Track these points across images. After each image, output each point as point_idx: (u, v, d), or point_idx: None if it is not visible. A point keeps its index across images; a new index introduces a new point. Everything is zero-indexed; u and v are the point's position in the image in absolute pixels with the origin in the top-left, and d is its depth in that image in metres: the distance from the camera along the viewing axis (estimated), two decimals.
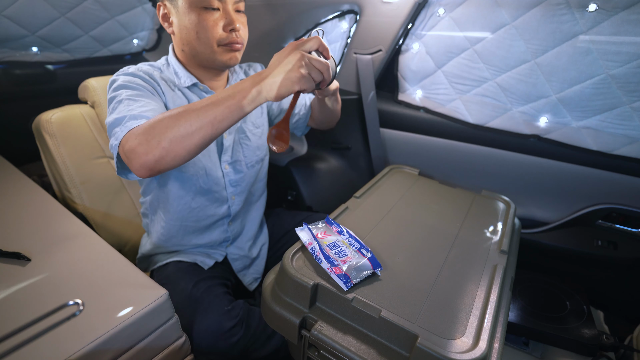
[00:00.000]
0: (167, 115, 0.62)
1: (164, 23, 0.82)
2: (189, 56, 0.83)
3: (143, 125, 0.63)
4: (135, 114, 0.67)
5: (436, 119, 1.23)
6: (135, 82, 0.77)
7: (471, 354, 0.49)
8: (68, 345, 0.56)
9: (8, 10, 1.19)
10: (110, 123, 0.69)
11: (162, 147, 0.60)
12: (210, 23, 0.76)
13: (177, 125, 0.60)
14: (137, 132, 0.63)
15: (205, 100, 0.62)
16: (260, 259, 1.08)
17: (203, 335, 0.77)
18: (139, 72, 0.80)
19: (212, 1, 0.75)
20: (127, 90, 0.75)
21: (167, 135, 0.60)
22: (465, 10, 1.10)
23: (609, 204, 1.06)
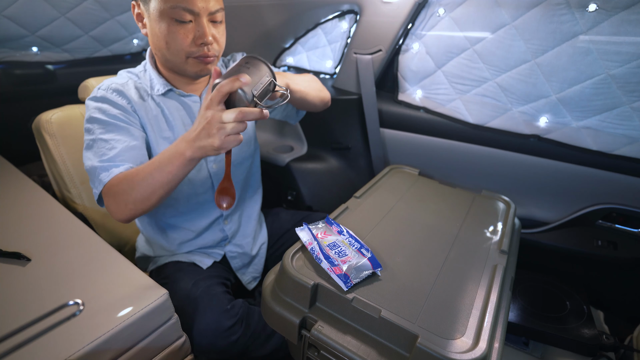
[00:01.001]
0: (126, 181, 0.70)
1: (138, 23, 0.80)
2: (161, 60, 0.82)
3: (112, 187, 0.72)
4: (105, 165, 0.73)
5: (436, 119, 1.23)
6: (106, 111, 0.77)
7: (471, 354, 0.49)
8: (68, 345, 0.56)
9: (8, 10, 1.19)
10: (87, 169, 0.76)
11: (129, 208, 0.71)
12: (180, 35, 0.74)
13: (134, 191, 0.69)
14: (108, 194, 0.73)
15: (151, 165, 0.68)
16: (259, 257, 1.08)
17: (203, 334, 0.77)
18: (110, 93, 0.80)
19: (184, 14, 0.72)
20: (98, 125, 0.76)
21: (129, 199, 0.70)
22: (465, 10, 1.10)
23: (609, 204, 1.06)
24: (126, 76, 0.86)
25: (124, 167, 0.73)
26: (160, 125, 0.84)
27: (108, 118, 0.77)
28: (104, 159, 0.74)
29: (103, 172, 0.73)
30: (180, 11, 0.71)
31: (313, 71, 1.55)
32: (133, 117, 0.81)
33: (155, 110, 0.84)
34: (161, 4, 0.72)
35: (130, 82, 0.84)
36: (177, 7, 0.71)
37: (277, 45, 1.52)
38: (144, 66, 0.88)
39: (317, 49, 1.50)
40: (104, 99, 0.79)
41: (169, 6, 0.71)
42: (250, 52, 1.49)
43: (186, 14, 0.72)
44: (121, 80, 0.84)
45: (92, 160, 0.75)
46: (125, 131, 0.78)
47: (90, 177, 0.76)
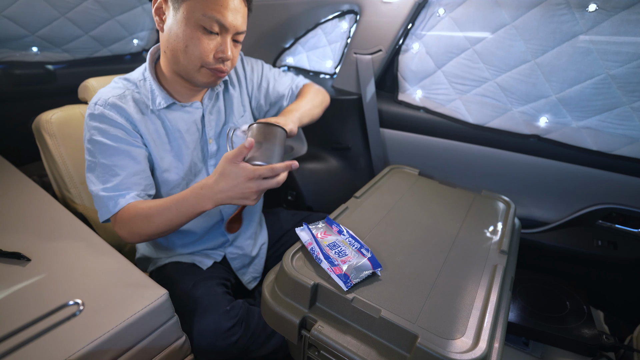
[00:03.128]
0: (141, 217, 0.74)
1: (155, 16, 0.76)
2: (169, 61, 0.79)
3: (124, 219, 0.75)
4: (110, 195, 0.75)
5: (436, 119, 1.23)
6: (106, 132, 0.76)
7: (471, 354, 0.49)
8: (68, 345, 0.56)
9: (8, 10, 1.19)
10: (91, 192, 0.78)
11: (142, 238, 0.77)
12: (203, 44, 0.73)
13: (150, 227, 0.74)
14: (119, 223, 0.76)
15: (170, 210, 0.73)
16: (259, 258, 1.08)
17: (202, 335, 0.77)
18: (109, 110, 0.76)
19: (213, 25, 0.71)
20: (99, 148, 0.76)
21: (144, 232, 0.75)
22: (465, 10, 1.10)
23: (609, 204, 1.06)
24: (123, 86, 0.81)
25: (130, 195, 0.76)
26: (161, 138, 0.83)
27: (108, 141, 0.76)
28: (108, 186, 0.76)
29: (110, 202, 0.75)
30: (212, 22, 0.71)
31: (313, 71, 1.55)
32: (134, 136, 0.79)
33: (156, 123, 0.82)
34: (196, 10, 0.70)
35: (127, 93, 0.80)
36: (211, 17, 0.70)
37: (277, 45, 1.52)
38: (142, 74, 0.83)
39: (317, 49, 1.50)
40: (103, 118, 0.76)
41: (201, 13, 0.70)
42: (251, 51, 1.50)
43: (216, 26, 0.72)
44: (118, 92, 0.79)
45: (96, 185, 0.77)
46: (127, 155, 0.77)
47: (95, 201, 0.78)
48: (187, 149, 0.86)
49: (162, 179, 0.85)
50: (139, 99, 0.81)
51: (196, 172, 0.89)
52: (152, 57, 0.84)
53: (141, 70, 0.85)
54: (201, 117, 0.87)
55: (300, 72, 1.57)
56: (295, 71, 1.58)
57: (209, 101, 0.88)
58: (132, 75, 0.84)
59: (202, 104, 0.87)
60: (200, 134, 0.88)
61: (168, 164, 0.84)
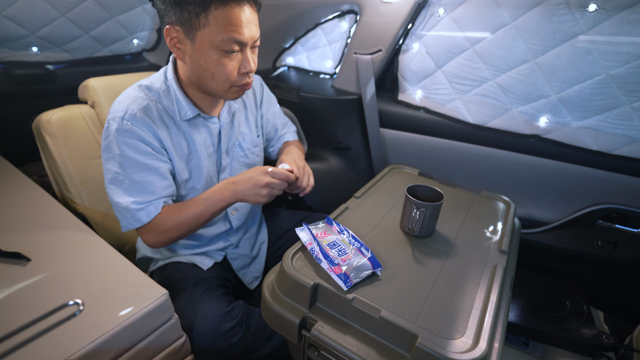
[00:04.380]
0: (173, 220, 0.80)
1: (172, 48, 0.75)
2: (194, 85, 0.81)
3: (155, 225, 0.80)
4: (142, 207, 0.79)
5: (436, 119, 1.23)
6: (135, 147, 0.77)
7: (471, 354, 0.49)
8: (68, 345, 0.56)
9: (8, 10, 1.19)
10: (116, 204, 0.79)
11: (171, 241, 0.83)
12: (228, 66, 0.74)
13: (182, 228, 0.81)
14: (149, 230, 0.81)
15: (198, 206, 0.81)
16: (260, 257, 1.08)
17: (202, 335, 0.77)
18: (136, 125, 0.77)
19: (232, 46, 0.72)
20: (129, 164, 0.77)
21: (175, 235, 0.82)
22: (465, 10, 1.10)
23: (609, 204, 1.06)
24: (145, 96, 0.80)
25: (159, 205, 0.80)
26: (183, 150, 0.84)
27: (140, 157, 0.77)
28: (139, 200, 0.78)
29: (141, 213, 0.79)
30: (231, 43, 0.72)
31: (313, 71, 1.55)
32: (160, 152, 0.80)
33: (178, 135, 0.83)
34: (212, 36, 0.70)
35: (152, 105, 0.80)
36: (229, 39, 0.71)
37: (277, 45, 1.52)
38: (164, 83, 0.83)
39: (317, 49, 1.50)
40: (132, 134, 0.76)
41: (219, 39, 0.71)
42: None
43: (236, 45, 0.73)
44: (142, 102, 0.79)
45: (124, 198, 0.78)
46: (156, 172, 0.79)
47: (120, 212, 0.80)
48: (205, 162, 0.88)
49: (183, 190, 0.88)
50: (163, 110, 0.82)
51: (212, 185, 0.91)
52: (175, 66, 0.83)
53: (161, 79, 0.84)
54: (218, 132, 0.89)
55: (300, 72, 1.57)
56: (295, 71, 1.58)
57: (227, 116, 0.90)
58: (153, 84, 0.83)
59: (220, 119, 0.89)
60: (215, 148, 0.90)
61: (188, 176, 0.86)
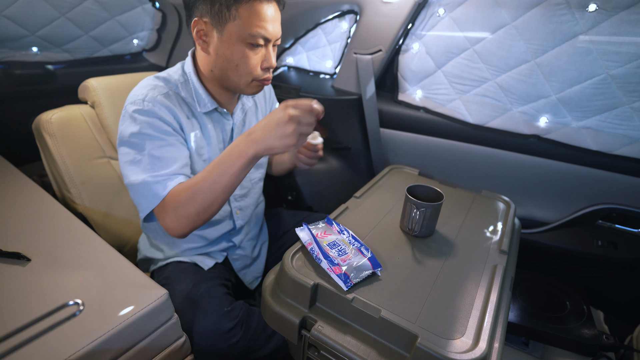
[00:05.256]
0: (186, 192, 0.70)
1: (197, 39, 0.77)
2: (216, 77, 0.81)
3: (170, 201, 0.72)
4: (159, 180, 0.73)
5: (436, 119, 1.23)
6: (157, 127, 0.75)
7: (471, 354, 0.49)
8: (68, 345, 0.56)
9: (8, 10, 1.19)
10: (133, 184, 0.74)
11: (191, 221, 0.71)
12: (252, 61, 0.76)
13: (197, 200, 0.70)
14: (165, 209, 0.72)
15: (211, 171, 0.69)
16: (260, 258, 1.08)
17: (203, 336, 0.77)
18: (159, 107, 0.76)
19: (258, 40, 0.74)
20: (150, 141, 0.74)
21: (192, 210, 0.70)
22: (465, 10, 1.10)
23: (609, 204, 1.06)
24: (164, 86, 0.80)
25: (178, 180, 0.74)
26: (198, 142, 0.84)
27: (160, 134, 0.75)
28: (157, 174, 0.73)
29: (157, 186, 0.72)
30: (258, 38, 0.74)
31: (313, 71, 1.55)
32: (180, 135, 0.80)
33: (196, 127, 0.83)
34: (240, 29, 0.72)
35: (171, 93, 0.80)
36: (256, 34, 0.73)
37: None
38: (182, 76, 0.83)
39: (317, 49, 1.50)
40: (153, 113, 0.75)
41: (247, 32, 0.72)
42: None
43: (261, 39, 0.75)
44: (163, 90, 0.79)
45: (141, 175, 0.73)
46: (177, 149, 0.77)
47: (137, 192, 0.74)
48: (214, 157, 0.87)
49: None
50: (182, 100, 0.82)
51: None
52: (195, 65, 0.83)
53: (179, 72, 0.84)
54: (231, 128, 0.90)
55: (300, 72, 1.57)
56: (295, 71, 1.58)
57: (240, 114, 0.91)
58: (171, 77, 0.83)
59: (233, 117, 0.90)
60: (225, 145, 0.90)
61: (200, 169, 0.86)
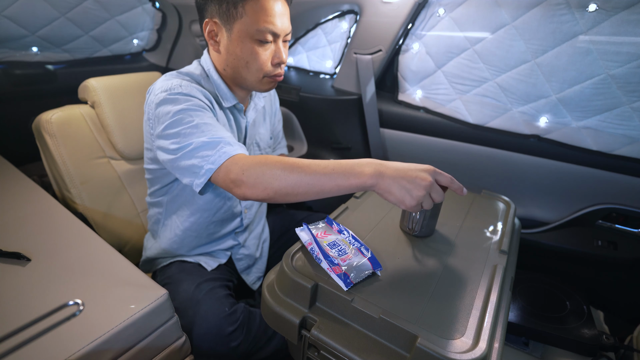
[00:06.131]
0: (280, 166, 0.61)
1: (209, 40, 0.78)
2: (229, 76, 0.82)
3: (251, 161, 0.63)
4: (227, 140, 0.67)
5: (436, 119, 1.23)
6: (199, 105, 0.72)
7: (471, 354, 0.49)
8: (68, 345, 0.56)
9: (8, 10, 1.19)
10: (187, 153, 0.67)
11: (267, 193, 0.62)
12: (261, 56, 0.76)
13: (286, 181, 0.60)
14: (244, 166, 0.63)
15: (318, 167, 0.60)
16: (262, 257, 1.08)
17: (203, 338, 0.77)
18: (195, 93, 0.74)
19: (266, 36, 0.75)
20: (198, 112, 0.70)
21: (275, 185, 0.61)
22: (465, 10, 1.10)
23: (609, 204, 1.06)
24: (191, 80, 0.80)
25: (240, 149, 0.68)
26: None
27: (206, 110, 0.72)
28: (225, 138, 0.67)
29: (227, 146, 0.66)
30: (266, 33, 0.74)
31: (313, 71, 1.55)
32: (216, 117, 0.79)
33: (223, 119, 0.83)
34: (248, 26, 0.73)
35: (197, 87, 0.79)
36: (264, 29, 0.73)
37: None
38: (203, 72, 0.83)
39: (317, 49, 1.50)
40: (188, 94, 0.72)
41: (255, 29, 0.73)
42: None
43: (270, 35, 0.75)
44: (189, 83, 0.78)
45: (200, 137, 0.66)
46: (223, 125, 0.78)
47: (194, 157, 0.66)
48: None
49: None
50: (206, 95, 0.79)
51: None
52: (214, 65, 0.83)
53: (199, 69, 0.84)
54: (245, 127, 0.91)
55: (300, 72, 1.57)
56: (295, 71, 1.58)
57: (253, 113, 0.93)
58: (192, 72, 0.82)
59: (246, 115, 0.90)
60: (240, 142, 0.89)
61: None
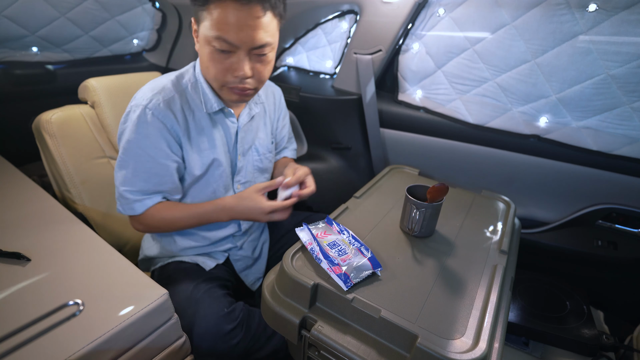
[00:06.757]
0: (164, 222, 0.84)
1: (195, 38, 0.78)
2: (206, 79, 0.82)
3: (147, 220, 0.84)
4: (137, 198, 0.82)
5: (436, 119, 1.23)
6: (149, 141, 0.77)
7: (471, 354, 0.49)
8: (68, 345, 0.56)
9: (8, 10, 1.19)
10: (117, 182, 0.82)
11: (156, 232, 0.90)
12: (219, 66, 0.73)
13: (166, 229, 0.86)
14: (140, 220, 0.84)
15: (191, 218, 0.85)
16: (261, 258, 1.08)
17: (203, 337, 0.77)
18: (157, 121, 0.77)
19: (222, 45, 0.70)
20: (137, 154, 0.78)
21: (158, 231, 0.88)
22: (465, 10, 1.10)
23: (609, 204, 1.06)
24: (173, 87, 0.81)
25: (156, 198, 0.83)
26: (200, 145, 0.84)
27: (150, 149, 0.78)
28: (135, 190, 0.81)
29: (136, 204, 0.82)
30: (221, 41, 0.70)
31: (313, 71, 1.55)
32: (173, 148, 0.81)
33: (199, 130, 0.83)
34: (207, 30, 0.71)
35: (177, 97, 0.80)
36: (218, 36, 0.70)
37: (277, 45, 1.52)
38: (194, 76, 0.84)
39: (317, 49, 1.50)
40: (149, 126, 0.77)
41: (212, 35, 0.70)
42: None
43: (225, 44, 0.71)
44: (168, 94, 0.80)
45: (124, 186, 0.81)
46: (161, 168, 0.80)
47: (118, 195, 0.83)
48: (223, 159, 0.88)
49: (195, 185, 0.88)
50: (186, 103, 0.82)
51: (227, 187, 0.92)
52: None
53: (191, 71, 0.85)
54: (235, 132, 0.90)
55: (300, 72, 1.57)
56: (295, 71, 1.58)
57: (246, 118, 0.91)
58: (184, 75, 0.84)
59: (238, 120, 0.89)
60: (230, 148, 0.90)
61: (201, 172, 0.86)
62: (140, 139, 0.78)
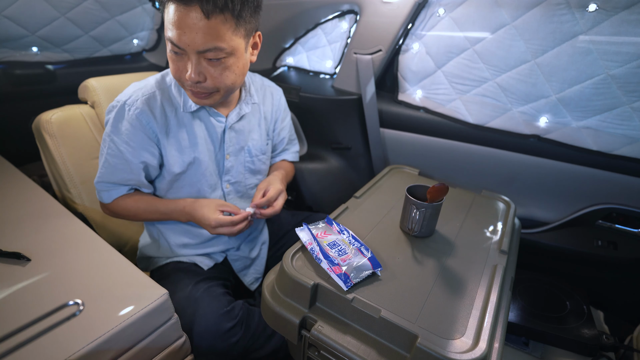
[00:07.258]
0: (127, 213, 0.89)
1: None
2: None
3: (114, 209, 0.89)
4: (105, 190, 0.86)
5: (436, 119, 1.23)
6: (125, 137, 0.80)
7: (471, 354, 0.49)
8: (68, 345, 0.56)
9: (8, 10, 1.19)
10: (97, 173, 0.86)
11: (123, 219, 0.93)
12: (173, 66, 0.74)
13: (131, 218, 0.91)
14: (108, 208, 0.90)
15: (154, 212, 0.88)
16: (260, 258, 1.08)
17: (202, 336, 0.77)
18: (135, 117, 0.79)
19: (172, 46, 0.70)
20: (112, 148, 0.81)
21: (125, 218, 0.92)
22: (465, 10, 1.10)
23: (609, 204, 1.06)
24: (154, 85, 0.83)
25: (123, 190, 0.87)
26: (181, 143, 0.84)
27: (122, 144, 0.81)
28: (102, 181, 0.85)
29: (104, 194, 0.87)
30: (170, 43, 0.70)
31: (313, 71, 1.55)
32: (148, 145, 0.82)
33: (179, 127, 0.84)
34: (165, 31, 0.71)
35: (158, 94, 0.82)
36: (168, 38, 0.70)
37: (277, 45, 1.52)
38: None
39: (317, 49, 1.50)
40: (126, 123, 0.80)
41: (166, 36, 0.71)
42: None
43: (174, 46, 0.70)
44: (149, 91, 0.81)
45: (97, 175, 0.85)
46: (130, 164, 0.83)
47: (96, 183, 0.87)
48: (205, 157, 0.88)
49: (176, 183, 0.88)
50: (168, 100, 0.83)
51: (213, 186, 0.91)
52: None
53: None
54: (222, 132, 0.89)
55: (300, 72, 1.57)
56: (295, 71, 1.58)
57: (235, 118, 0.90)
58: (169, 74, 0.86)
59: (227, 120, 0.88)
60: (216, 147, 0.89)
61: (181, 169, 0.86)
62: (114, 133, 0.81)
